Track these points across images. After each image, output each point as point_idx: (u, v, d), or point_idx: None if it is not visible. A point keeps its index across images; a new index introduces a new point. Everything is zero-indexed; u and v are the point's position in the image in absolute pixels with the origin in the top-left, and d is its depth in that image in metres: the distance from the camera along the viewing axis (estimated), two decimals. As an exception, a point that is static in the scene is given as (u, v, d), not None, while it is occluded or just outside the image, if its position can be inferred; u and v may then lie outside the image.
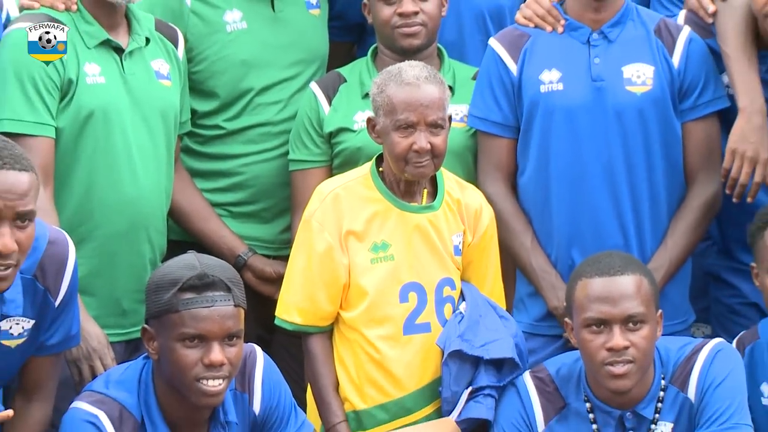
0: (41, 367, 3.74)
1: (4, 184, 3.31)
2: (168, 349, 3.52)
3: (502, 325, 3.97)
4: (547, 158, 4.25)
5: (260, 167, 4.51)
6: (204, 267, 3.53)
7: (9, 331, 3.57)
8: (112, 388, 3.63)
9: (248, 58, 4.49)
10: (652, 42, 4.27)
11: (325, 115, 4.38)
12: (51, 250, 3.58)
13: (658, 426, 3.81)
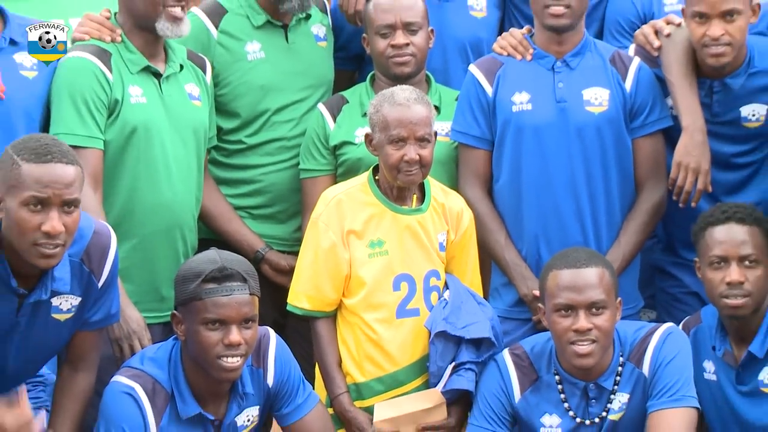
0: (86, 340, 3.89)
1: (53, 175, 3.49)
2: (193, 331, 3.73)
3: (480, 310, 4.17)
4: (519, 168, 4.43)
5: (276, 176, 4.70)
6: (224, 261, 3.76)
7: (59, 307, 3.72)
8: (147, 365, 3.84)
9: (266, 83, 4.65)
10: (607, 70, 4.46)
11: (330, 131, 4.56)
12: (96, 239, 3.75)
13: (616, 396, 4.00)
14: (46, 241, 3.50)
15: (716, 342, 4.20)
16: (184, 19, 4.31)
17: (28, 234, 3.50)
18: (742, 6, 4.26)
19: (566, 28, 4.40)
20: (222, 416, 3.89)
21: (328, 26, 4.89)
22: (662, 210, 4.53)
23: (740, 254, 4.07)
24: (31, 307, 3.69)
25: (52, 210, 3.49)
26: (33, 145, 3.61)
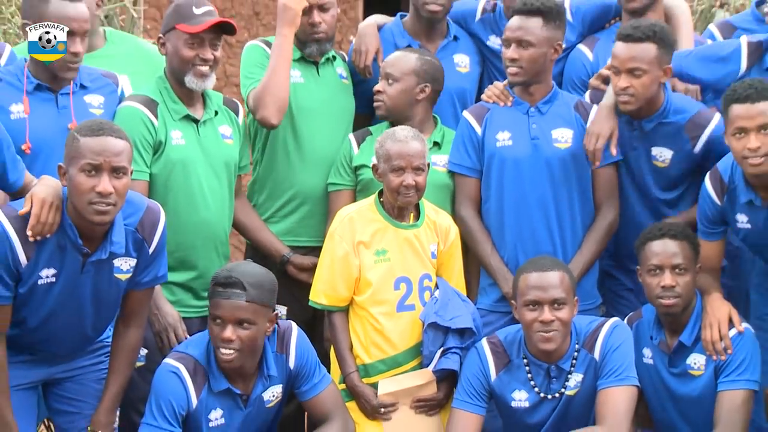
0: (137, 299, 4.11)
1: (104, 146, 3.75)
2: (209, 324, 4.09)
3: (463, 306, 4.43)
4: (501, 192, 4.68)
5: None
6: (234, 272, 4.06)
7: (120, 267, 3.96)
8: (190, 349, 4.15)
9: (304, 102, 4.86)
10: (572, 114, 4.70)
11: (354, 155, 4.77)
12: (148, 213, 4.01)
13: (572, 376, 4.27)
14: (99, 200, 3.71)
15: (653, 333, 4.44)
16: (210, 76, 4.48)
17: (85, 195, 3.72)
18: (648, 67, 4.45)
19: (520, 83, 4.66)
20: (249, 391, 4.12)
21: (348, 72, 5.07)
22: (615, 227, 4.73)
23: (672, 264, 4.29)
24: (93, 267, 3.89)
25: (104, 175, 3.72)
26: (89, 124, 3.88)
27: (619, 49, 4.52)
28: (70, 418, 4.18)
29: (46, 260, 3.84)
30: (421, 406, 4.43)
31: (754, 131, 4.14)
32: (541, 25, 4.61)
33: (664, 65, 4.52)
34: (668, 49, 4.55)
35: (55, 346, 4.07)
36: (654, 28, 4.50)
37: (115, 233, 3.88)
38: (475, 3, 5.20)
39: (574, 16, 5.09)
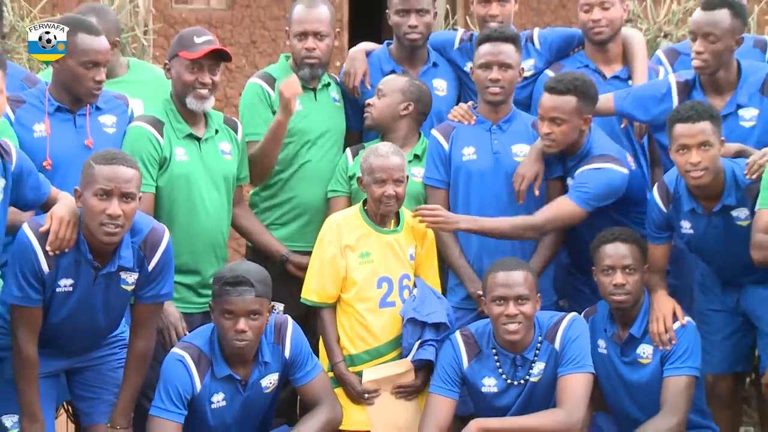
0: (143, 311, 4.09)
1: (115, 173, 3.78)
2: (217, 319, 4.06)
3: (439, 303, 4.44)
4: (468, 201, 4.66)
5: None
6: (240, 271, 4.06)
7: (126, 279, 3.97)
8: (195, 339, 4.16)
9: (303, 126, 4.85)
10: (529, 131, 4.68)
11: (350, 166, 4.76)
12: (152, 234, 3.99)
13: (535, 364, 4.27)
14: (109, 222, 3.75)
15: (607, 326, 4.46)
16: (209, 98, 4.47)
17: (96, 216, 3.75)
18: (567, 117, 4.44)
19: (499, 102, 4.65)
20: (248, 377, 4.12)
21: (341, 93, 5.04)
22: (564, 234, 4.71)
23: (623, 264, 4.31)
24: (104, 278, 3.92)
25: (114, 199, 3.75)
26: (104, 153, 3.90)
27: (544, 98, 4.53)
28: (91, 403, 4.19)
29: (64, 271, 3.88)
30: (400, 392, 4.42)
31: (695, 148, 4.19)
32: (514, 50, 4.65)
33: (584, 115, 4.51)
34: (588, 101, 4.53)
35: (71, 342, 4.11)
36: (576, 83, 4.49)
37: (123, 248, 3.91)
38: (453, 33, 5.23)
39: (541, 45, 5.12)
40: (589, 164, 4.50)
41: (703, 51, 4.50)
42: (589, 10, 4.89)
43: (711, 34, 4.47)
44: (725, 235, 4.41)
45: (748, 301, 4.54)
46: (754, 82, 4.57)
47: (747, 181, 4.31)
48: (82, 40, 4.25)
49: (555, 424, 4.17)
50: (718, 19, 4.49)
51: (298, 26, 4.79)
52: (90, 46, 4.25)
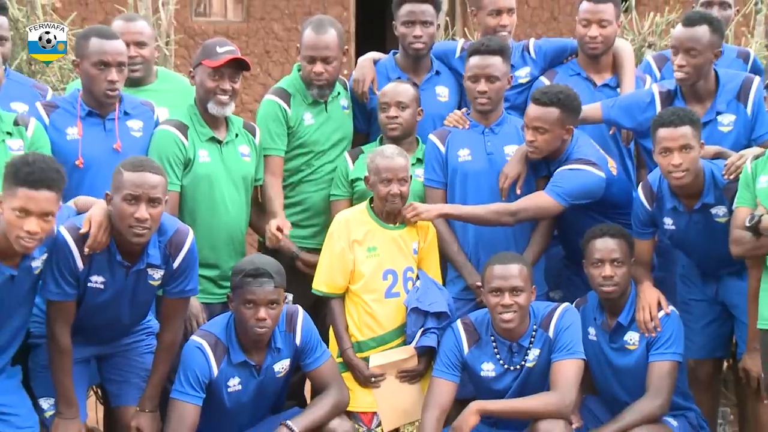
0: (169, 306, 4.11)
1: (143, 180, 3.78)
2: (238, 309, 4.03)
3: (440, 294, 4.41)
4: (464, 200, 4.62)
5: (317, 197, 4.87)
6: (259, 264, 4.04)
7: (153, 276, 3.98)
8: (212, 328, 4.15)
9: (315, 138, 4.82)
10: (519, 133, 4.61)
11: (350, 170, 4.73)
12: (177, 234, 3.99)
13: (531, 351, 4.25)
14: (137, 225, 3.75)
15: (596, 315, 4.45)
16: (229, 104, 4.47)
17: (126, 220, 3.75)
18: (549, 127, 4.42)
19: (487, 111, 4.63)
20: (261, 363, 4.11)
21: (350, 99, 4.97)
22: (552, 228, 4.69)
23: (611, 258, 4.29)
24: (134, 275, 3.93)
25: (142, 204, 3.75)
26: (132, 160, 3.90)
27: (529, 109, 4.50)
28: (120, 386, 4.20)
29: (97, 269, 3.89)
30: (404, 376, 4.41)
31: (677, 150, 4.20)
32: (501, 61, 4.61)
33: (566, 125, 4.48)
34: (571, 113, 4.50)
35: (101, 332, 4.13)
36: (560, 95, 4.47)
37: (150, 247, 3.91)
38: (455, 43, 5.21)
39: (536, 54, 5.10)
40: (567, 165, 4.48)
41: (685, 65, 4.50)
42: (587, 25, 4.88)
43: (692, 48, 4.47)
44: (705, 231, 4.41)
45: (726, 291, 4.54)
46: (730, 90, 4.55)
47: (725, 181, 4.33)
48: (93, 43, 4.26)
49: (548, 406, 4.15)
50: (699, 35, 4.49)
51: (307, 51, 4.75)
52: (100, 48, 4.24)
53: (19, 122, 4.17)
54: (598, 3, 4.85)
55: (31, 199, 3.50)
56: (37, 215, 3.52)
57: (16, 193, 3.51)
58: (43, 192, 3.52)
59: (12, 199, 3.52)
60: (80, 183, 4.26)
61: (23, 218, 3.51)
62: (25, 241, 3.53)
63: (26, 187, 3.51)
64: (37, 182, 3.51)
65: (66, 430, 3.93)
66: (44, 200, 3.53)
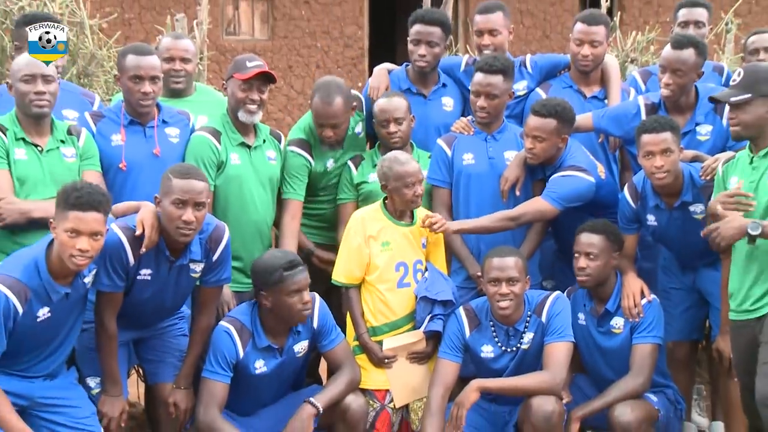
0: (207, 293, 4.11)
1: (190, 186, 3.78)
2: (282, 300, 3.94)
3: (446, 284, 4.38)
4: (468, 199, 4.60)
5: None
6: (290, 256, 4.04)
7: (194, 269, 3.98)
8: (237, 315, 4.10)
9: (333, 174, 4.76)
10: (518, 140, 4.58)
11: (354, 175, 4.72)
12: (216, 231, 3.99)
13: (525, 334, 4.23)
14: (183, 226, 3.77)
15: (586, 302, 4.41)
16: (257, 113, 4.44)
17: (174, 221, 3.77)
18: (547, 136, 4.39)
19: (488, 124, 4.60)
20: (283, 345, 4.08)
21: (363, 122, 4.88)
22: (546, 227, 4.63)
23: (586, 251, 4.25)
24: (177, 269, 3.93)
25: (188, 208, 3.76)
26: (179, 168, 3.92)
27: (529, 119, 4.46)
28: (157, 365, 4.18)
29: (145, 263, 3.88)
30: (414, 358, 4.38)
31: (659, 154, 4.20)
32: (502, 80, 4.56)
33: (562, 135, 4.45)
34: (566, 123, 4.46)
35: (143, 318, 4.11)
36: (557, 108, 4.44)
37: (193, 244, 3.91)
38: (460, 58, 5.15)
39: (533, 68, 5.06)
40: (561, 171, 4.45)
41: (671, 83, 4.49)
42: (580, 44, 4.84)
43: (679, 69, 4.46)
44: (683, 227, 4.39)
45: (702, 280, 4.52)
46: (708, 103, 4.49)
47: (701, 182, 4.32)
48: (129, 60, 4.26)
49: (541, 384, 4.13)
50: (685, 57, 4.47)
51: (317, 118, 4.63)
52: (135, 64, 4.24)
53: (72, 132, 4.17)
54: (591, 25, 4.82)
55: (81, 220, 3.49)
56: (87, 235, 3.51)
57: (68, 216, 3.50)
58: (91, 213, 3.51)
59: (64, 222, 3.50)
60: (123, 184, 4.26)
61: (75, 238, 3.49)
62: (77, 259, 3.51)
63: (76, 210, 3.50)
64: (85, 205, 3.50)
65: (111, 405, 3.92)
66: (93, 221, 3.52)
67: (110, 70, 5.96)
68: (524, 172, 4.53)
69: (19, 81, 3.97)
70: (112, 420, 3.90)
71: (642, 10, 11.22)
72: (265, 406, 4.18)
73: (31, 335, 3.61)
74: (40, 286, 3.57)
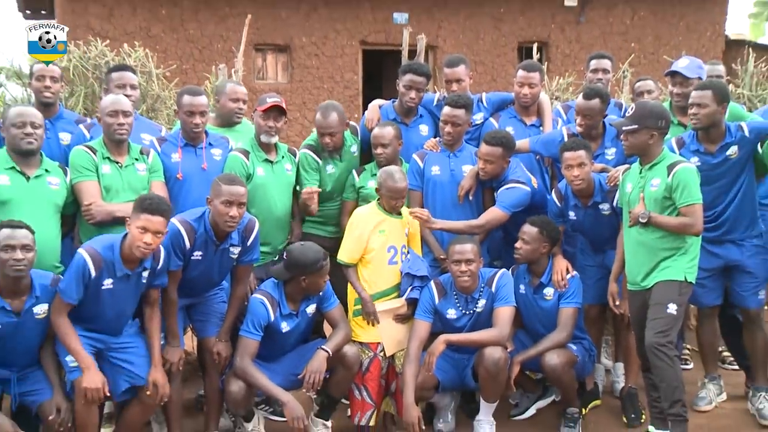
0: (241, 270, 4.01)
1: (235, 190, 3.72)
2: (316, 281, 3.88)
3: (423, 263, 4.27)
4: (435, 201, 4.48)
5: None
6: (322, 252, 3.90)
7: (233, 252, 3.88)
8: (267, 289, 3.97)
9: (335, 179, 4.63)
10: (473, 158, 4.46)
11: (356, 181, 4.61)
12: (249, 223, 3.92)
13: (480, 301, 4.13)
14: (230, 220, 3.72)
15: (525, 276, 4.32)
16: (275, 136, 4.34)
17: (223, 217, 3.71)
18: (495, 159, 4.27)
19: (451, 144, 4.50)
20: (298, 309, 3.99)
21: (359, 144, 4.76)
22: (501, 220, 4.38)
23: (522, 237, 4.20)
24: (220, 251, 3.84)
25: (234, 207, 3.72)
26: (227, 176, 3.85)
27: (482, 147, 4.35)
28: (203, 324, 4.08)
29: (198, 247, 3.81)
30: (398, 318, 4.27)
31: (576, 166, 4.20)
32: (464, 113, 4.49)
33: (506, 159, 4.35)
34: (510, 150, 4.35)
35: (194, 289, 4.02)
36: (503, 139, 4.32)
37: (233, 233, 3.86)
38: (433, 95, 4.98)
39: (487, 103, 4.94)
40: (506, 185, 4.34)
41: (583, 124, 4.45)
42: (522, 86, 4.75)
43: (588, 114, 4.42)
44: (595, 220, 4.36)
45: (608, 259, 4.41)
46: (612, 132, 4.45)
47: (607, 187, 4.29)
48: (184, 99, 4.20)
49: (491, 338, 4.06)
50: (593, 105, 4.42)
51: (319, 129, 4.55)
52: (188, 102, 4.18)
53: (143, 152, 4.15)
54: (530, 72, 4.74)
55: (149, 221, 3.48)
56: (152, 233, 3.48)
57: (140, 217, 3.49)
58: (157, 217, 3.50)
59: (137, 221, 3.49)
60: (179, 190, 4.20)
61: (143, 234, 3.48)
62: (142, 249, 3.48)
63: (147, 213, 3.49)
64: (154, 210, 3.50)
65: (173, 353, 3.85)
66: (158, 222, 3.50)
67: (171, 107, 5.94)
68: (476, 182, 4.44)
69: (105, 115, 3.97)
70: (173, 364, 3.83)
71: (563, 61, 11.31)
72: (285, 354, 4.09)
73: (95, 299, 3.54)
74: (111, 262, 3.52)
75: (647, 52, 11.41)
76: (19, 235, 3.37)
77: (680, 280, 3.81)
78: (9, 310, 3.43)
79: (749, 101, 6.50)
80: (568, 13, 11.17)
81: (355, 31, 10.67)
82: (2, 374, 3.54)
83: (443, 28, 10.73)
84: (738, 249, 4.23)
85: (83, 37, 7.31)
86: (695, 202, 3.76)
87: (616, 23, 11.38)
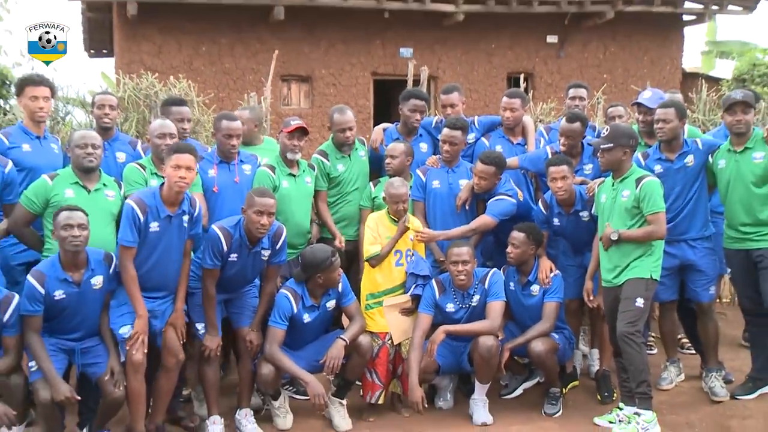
0: (271, 270, 3.93)
1: (266, 201, 3.67)
2: (331, 276, 3.83)
3: (426, 264, 4.21)
4: (435, 211, 4.42)
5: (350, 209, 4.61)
6: (330, 250, 3.84)
7: (264, 254, 3.81)
8: (291, 285, 3.91)
9: (344, 177, 4.56)
10: (469, 173, 4.40)
11: (372, 191, 4.51)
12: (278, 229, 3.84)
13: (474, 297, 4.06)
14: (261, 227, 3.66)
15: (514, 275, 4.23)
16: (298, 153, 4.25)
17: (255, 225, 3.66)
18: (488, 177, 4.21)
19: (450, 161, 4.43)
20: (319, 303, 3.92)
21: (367, 151, 4.73)
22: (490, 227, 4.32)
23: (512, 242, 4.12)
24: (253, 254, 3.77)
25: (264, 216, 3.67)
26: (259, 189, 3.79)
27: (477, 165, 4.29)
28: (238, 316, 3.99)
29: (234, 250, 3.76)
30: (404, 312, 4.19)
31: (559, 179, 4.16)
32: (461, 134, 4.45)
33: (498, 176, 4.30)
34: (501, 168, 4.30)
35: (230, 286, 3.94)
36: (495, 159, 4.26)
37: (264, 238, 3.80)
38: (432, 118, 4.90)
39: (479, 125, 4.85)
40: (495, 197, 4.29)
41: (566, 143, 4.39)
42: (505, 110, 4.69)
43: (570, 136, 4.37)
44: (576, 226, 4.30)
45: (587, 260, 4.35)
46: (589, 150, 4.42)
47: (586, 197, 4.24)
48: (223, 123, 4.15)
49: (485, 328, 4.00)
50: (575, 128, 4.38)
51: (337, 125, 4.50)
52: (226, 126, 4.14)
53: None
54: (511, 98, 4.68)
55: (179, 158, 3.49)
56: (184, 167, 3.48)
57: (172, 158, 3.51)
58: (185, 155, 3.50)
59: (169, 161, 3.52)
60: (215, 202, 4.12)
61: (176, 170, 3.48)
62: (179, 184, 3.49)
63: (177, 153, 3.51)
64: (182, 149, 3.52)
65: (211, 341, 3.80)
66: (187, 159, 3.50)
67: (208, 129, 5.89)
68: (471, 194, 4.38)
69: (154, 137, 3.98)
70: (211, 351, 3.78)
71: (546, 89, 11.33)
72: (308, 343, 4.02)
73: (144, 242, 3.51)
74: (154, 206, 3.51)
75: (617, 82, 11.41)
76: (76, 216, 3.37)
77: (647, 278, 3.80)
78: (71, 282, 3.42)
79: (703, 124, 6.58)
80: (550, 48, 11.19)
81: (367, 63, 10.66)
82: (68, 345, 3.50)
83: (443, 61, 10.74)
84: (692, 250, 4.20)
85: (136, 71, 7.28)
86: (659, 211, 3.77)
87: (591, 57, 11.43)
